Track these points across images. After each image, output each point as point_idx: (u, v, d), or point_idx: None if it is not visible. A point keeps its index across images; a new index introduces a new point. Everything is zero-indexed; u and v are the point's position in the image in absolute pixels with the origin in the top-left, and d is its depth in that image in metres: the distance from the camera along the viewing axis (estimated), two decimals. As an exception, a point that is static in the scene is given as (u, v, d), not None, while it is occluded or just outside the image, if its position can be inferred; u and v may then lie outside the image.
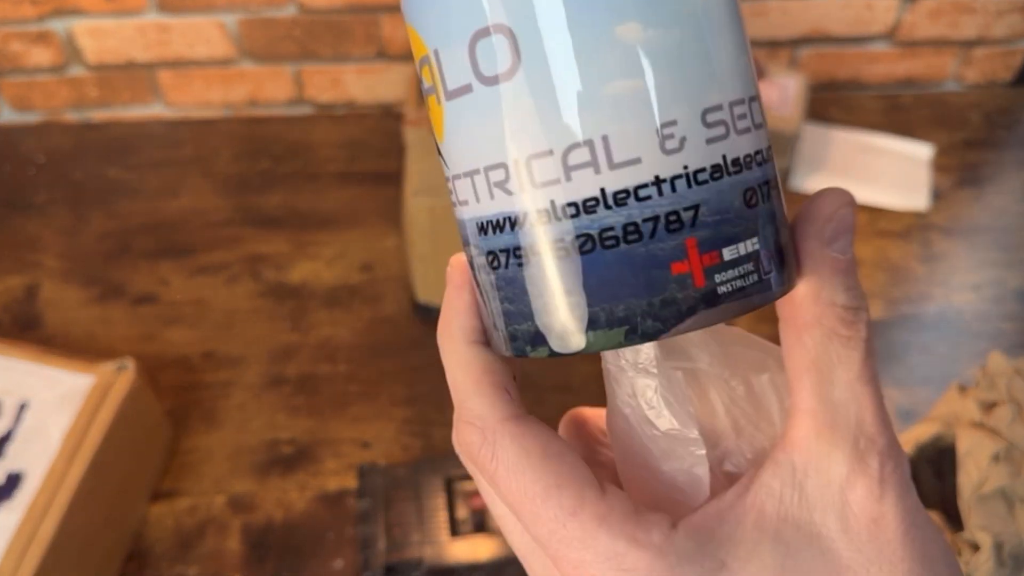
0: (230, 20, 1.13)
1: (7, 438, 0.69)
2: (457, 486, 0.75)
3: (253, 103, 1.22)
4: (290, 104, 1.22)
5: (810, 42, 1.21)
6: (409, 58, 1.08)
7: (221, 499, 0.78)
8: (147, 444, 0.79)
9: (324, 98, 1.22)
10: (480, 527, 0.72)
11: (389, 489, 0.75)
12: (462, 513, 0.73)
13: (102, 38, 1.14)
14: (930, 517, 0.21)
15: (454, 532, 0.72)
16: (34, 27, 1.12)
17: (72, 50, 1.15)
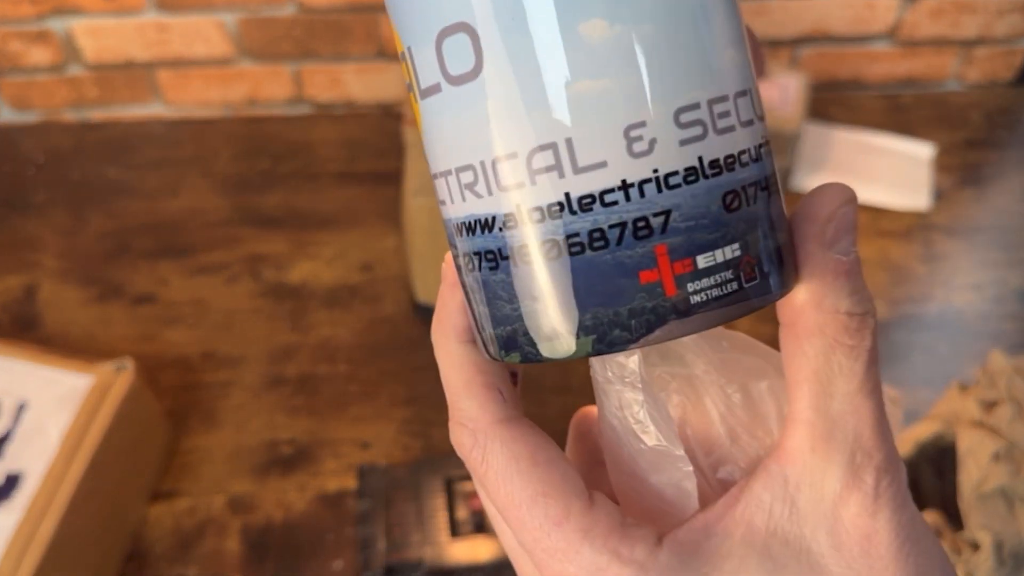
0: (229, 19, 1.13)
1: (6, 438, 0.69)
2: (457, 487, 0.74)
3: (252, 102, 1.21)
4: (290, 103, 1.22)
5: (811, 41, 1.21)
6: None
7: (220, 499, 0.78)
8: (146, 444, 0.79)
9: (324, 98, 1.22)
10: (480, 528, 0.72)
11: (389, 489, 0.75)
12: (462, 514, 0.73)
13: (101, 37, 1.14)
14: (928, 528, 0.21)
15: (454, 533, 0.72)
16: (33, 26, 1.12)
17: (71, 49, 1.15)
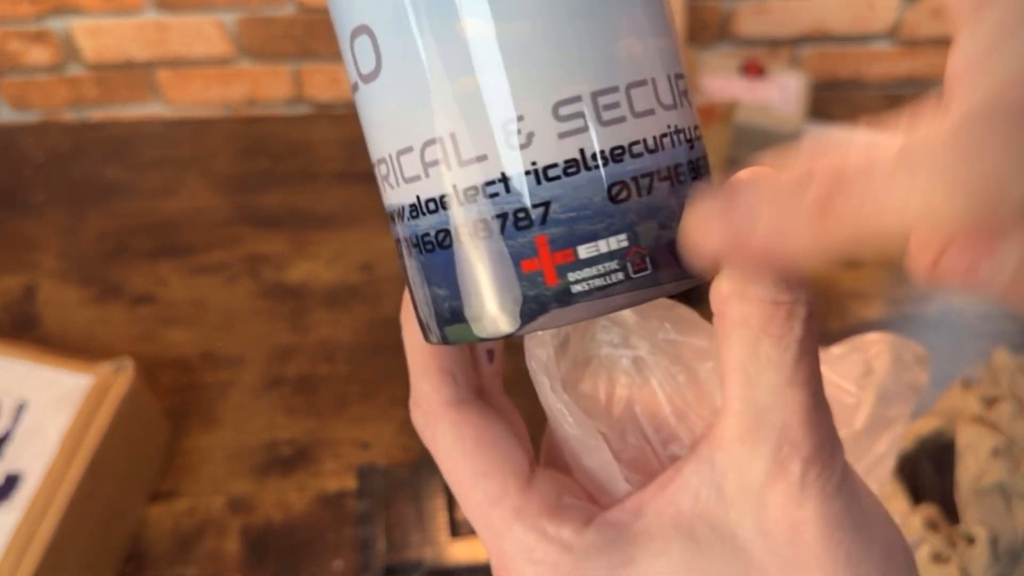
0: (229, 19, 1.13)
1: (5, 438, 0.69)
2: (457, 486, 0.74)
3: (252, 102, 1.21)
4: (289, 103, 1.22)
5: (811, 41, 1.21)
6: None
7: (220, 500, 0.78)
8: (146, 445, 0.79)
9: (323, 97, 1.22)
10: (480, 528, 0.72)
11: (389, 490, 0.75)
12: (462, 514, 0.73)
13: (101, 37, 1.14)
14: (878, 516, 0.21)
15: (454, 533, 0.71)
16: (32, 26, 1.12)
17: (71, 49, 1.15)
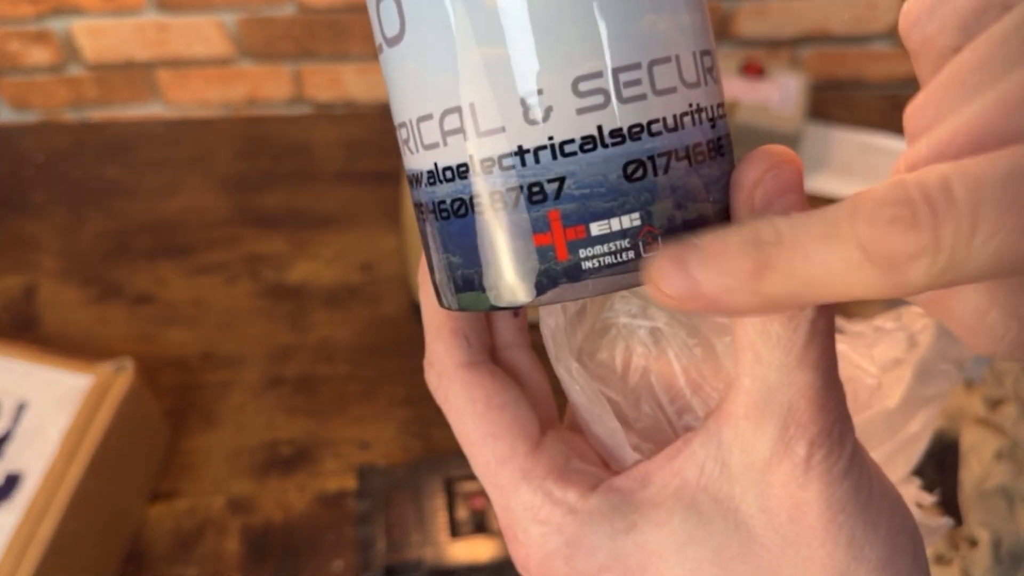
0: (229, 19, 1.13)
1: (5, 438, 0.69)
2: (457, 487, 0.74)
3: (252, 102, 1.21)
4: (289, 103, 1.22)
5: (811, 41, 1.21)
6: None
7: (220, 500, 0.78)
8: (146, 445, 0.79)
9: (323, 97, 1.22)
10: (480, 528, 0.72)
11: (389, 490, 0.75)
12: (462, 514, 0.73)
13: (101, 37, 1.14)
14: (886, 500, 0.20)
15: (454, 533, 0.71)
16: (32, 26, 1.12)
17: (71, 49, 1.15)
